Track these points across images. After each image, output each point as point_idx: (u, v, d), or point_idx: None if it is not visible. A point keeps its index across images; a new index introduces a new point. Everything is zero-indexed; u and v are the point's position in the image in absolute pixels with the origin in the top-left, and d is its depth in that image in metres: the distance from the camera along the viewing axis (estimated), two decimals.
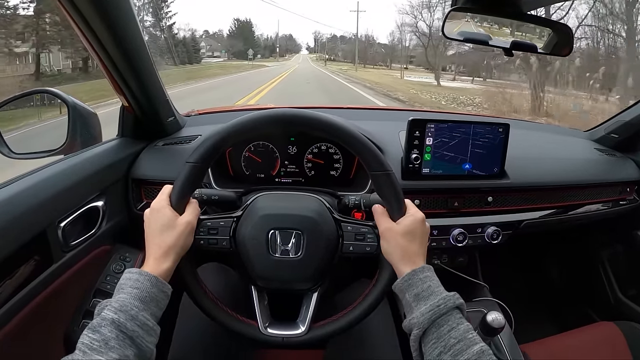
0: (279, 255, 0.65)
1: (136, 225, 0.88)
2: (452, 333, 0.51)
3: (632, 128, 1.19)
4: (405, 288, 0.57)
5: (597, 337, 0.96)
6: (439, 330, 0.52)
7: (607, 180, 1.15)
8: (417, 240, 0.61)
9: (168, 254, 0.57)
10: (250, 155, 0.98)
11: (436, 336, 0.52)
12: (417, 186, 0.95)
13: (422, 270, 0.57)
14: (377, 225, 0.64)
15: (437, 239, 0.97)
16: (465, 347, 0.49)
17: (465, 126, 0.94)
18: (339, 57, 74.22)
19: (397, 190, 0.64)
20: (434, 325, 0.52)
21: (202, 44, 65.03)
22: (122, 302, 0.50)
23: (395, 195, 0.64)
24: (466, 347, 0.49)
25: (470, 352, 0.49)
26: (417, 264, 0.59)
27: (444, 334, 0.51)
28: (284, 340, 0.65)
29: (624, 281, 1.29)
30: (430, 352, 0.51)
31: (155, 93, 0.87)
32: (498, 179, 0.99)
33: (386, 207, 0.65)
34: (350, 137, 0.64)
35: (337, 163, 1.00)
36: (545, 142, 1.25)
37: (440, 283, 0.58)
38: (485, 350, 0.49)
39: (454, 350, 0.49)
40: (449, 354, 0.49)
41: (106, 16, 0.65)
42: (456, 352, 0.49)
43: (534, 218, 1.05)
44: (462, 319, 0.53)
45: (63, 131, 0.89)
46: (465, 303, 0.56)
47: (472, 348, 0.49)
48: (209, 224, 0.65)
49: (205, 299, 0.65)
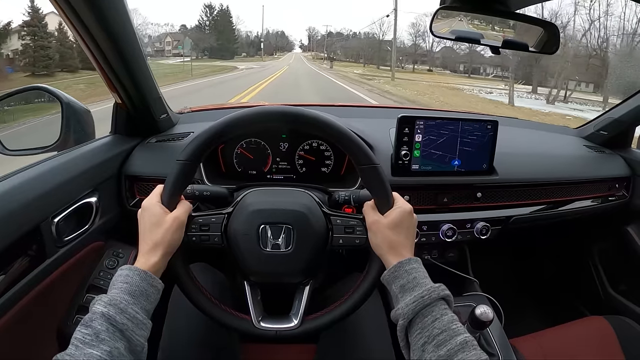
0: (269, 249, 0.66)
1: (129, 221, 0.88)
2: (435, 323, 0.52)
3: (621, 125, 1.20)
4: (391, 280, 0.58)
5: (587, 332, 0.98)
6: (423, 321, 0.53)
7: (596, 176, 1.16)
8: (404, 232, 0.61)
9: (156, 250, 0.58)
10: (242, 152, 0.99)
11: (420, 326, 0.52)
12: (406, 182, 0.96)
13: (408, 262, 0.58)
14: (365, 218, 0.65)
15: (427, 234, 0.98)
16: (448, 338, 0.50)
17: (454, 123, 0.95)
18: (339, 55, 65.77)
19: (384, 183, 0.65)
20: (419, 316, 0.53)
21: (168, 39, 54.82)
22: (112, 297, 0.50)
23: (383, 187, 0.65)
24: (449, 337, 0.50)
25: (454, 343, 0.49)
26: (404, 255, 0.59)
27: (428, 324, 0.52)
28: (278, 334, 0.66)
29: (614, 276, 1.31)
30: (415, 342, 0.52)
31: (148, 90, 0.88)
32: (487, 175, 1.00)
33: (375, 200, 0.66)
34: (337, 132, 0.65)
35: (328, 160, 1.00)
36: (534, 139, 1.26)
37: (426, 274, 0.58)
38: (469, 341, 0.50)
39: (438, 340, 0.50)
40: (433, 344, 0.50)
41: (99, 14, 0.65)
42: (439, 342, 0.50)
43: (523, 214, 1.06)
44: (446, 310, 0.54)
45: (56, 128, 0.89)
46: (451, 294, 0.56)
47: (456, 339, 0.50)
48: (200, 220, 0.66)
49: (199, 295, 0.66)
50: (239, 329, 0.67)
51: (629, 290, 1.25)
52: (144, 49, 0.81)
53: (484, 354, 0.49)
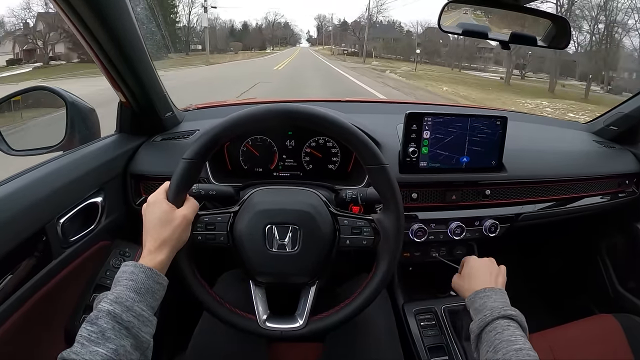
0: (275, 249, 0.65)
1: (135, 220, 0.88)
2: (497, 336, 0.61)
3: (631, 120, 1.19)
4: (469, 304, 0.72)
5: (595, 330, 0.97)
6: (488, 335, 0.62)
7: (606, 172, 1.15)
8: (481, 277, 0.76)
9: (163, 247, 0.57)
10: (249, 150, 0.98)
11: (486, 339, 0.62)
12: (414, 179, 0.95)
13: (483, 290, 0.71)
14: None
15: (435, 232, 0.97)
16: (506, 345, 0.58)
17: (462, 119, 0.93)
18: (343, 46, 58.54)
19: (392, 184, 0.64)
20: (485, 332, 0.63)
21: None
22: (118, 294, 0.50)
23: (391, 189, 0.64)
24: (507, 344, 0.58)
25: (510, 349, 0.57)
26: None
27: (491, 337, 0.61)
28: (283, 334, 0.66)
29: (623, 274, 1.29)
30: (482, 350, 0.62)
31: (152, 88, 0.87)
32: (496, 172, 0.99)
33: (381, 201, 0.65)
34: (345, 131, 0.65)
35: (335, 157, 1.00)
36: (543, 135, 1.24)
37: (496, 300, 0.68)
38: (524, 349, 0.57)
39: (495, 347, 0.59)
40: (492, 350, 0.59)
41: (101, 11, 0.65)
42: (497, 349, 0.59)
43: (532, 211, 1.05)
44: (508, 326, 0.62)
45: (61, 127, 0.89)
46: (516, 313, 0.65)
47: (513, 346, 0.57)
48: (206, 219, 0.66)
49: (205, 294, 0.66)
50: (245, 329, 0.67)
51: (638, 288, 1.24)
52: (146, 47, 0.80)
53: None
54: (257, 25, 71.94)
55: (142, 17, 0.80)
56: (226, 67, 20.44)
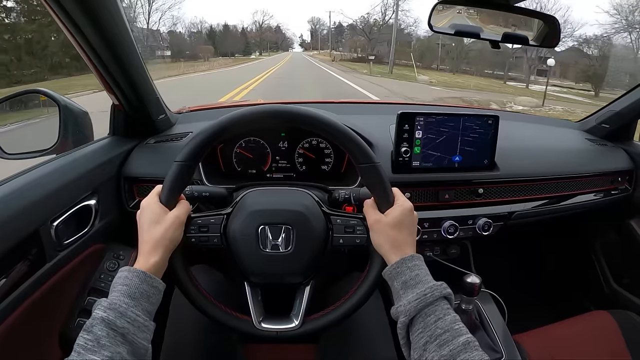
0: (269, 250, 0.65)
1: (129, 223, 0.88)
2: (438, 323, 0.52)
3: (623, 118, 1.20)
4: (393, 276, 0.58)
5: (591, 326, 0.97)
6: (425, 320, 0.53)
7: (598, 170, 1.15)
8: (406, 230, 0.61)
9: (156, 248, 0.57)
10: (242, 151, 0.98)
11: (423, 325, 0.53)
12: (407, 179, 0.95)
13: (410, 258, 0.58)
14: (366, 218, 0.65)
15: (429, 231, 0.98)
16: (451, 338, 0.50)
17: (454, 119, 0.94)
18: (341, 51, 51.29)
19: (384, 182, 0.64)
20: (421, 315, 0.53)
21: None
22: (112, 300, 0.50)
23: (382, 186, 0.64)
24: (452, 337, 0.50)
25: (456, 343, 0.50)
26: (406, 252, 0.59)
27: (430, 323, 0.52)
28: (278, 334, 0.66)
29: (618, 270, 1.30)
30: (417, 340, 0.52)
31: (145, 91, 0.87)
32: (488, 170, 0.99)
33: (375, 199, 0.65)
34: (336, 130, 0.65)
35: (328, 157, 1.00)
36: (536, 133, 1.25)
37: (428, 272, 0.58)
38: (472, 342, 0.50)
39: (440, 340, 0.50)
40: (435, 344, 0.50)
41: (93, 14, 0.65)
42: (442, 342, 0.50)
43: (525, 209, 1.06)
44: (449, 310, 0.54)
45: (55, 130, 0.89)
46: (452, 293, 0.56)
47: (459, 339, 0.50)
48: (199, 221, 0.66)
49: (199, 296, 0.66)
50: (240, 329, 0.67)
51: (633, 284, 1.25)
52: (139, 49, 0.80)
53: (486, 355, 0.49)
54: (244, 28, 64.63)
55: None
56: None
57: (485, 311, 0.94)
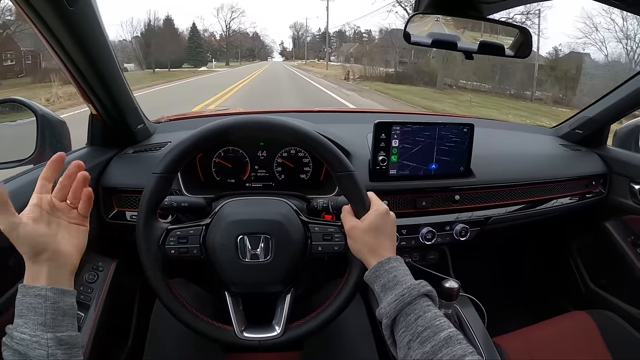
0: (248, 259, 0.66)
1: (108, 234, 0.88)
2: (419, 321, 0.53)
3: (596, 124, 1.23)
4: (373, 279, 0.59)
5: (571, 326, 1.00)
6: (407, 319, 0.53)
7: (573, 174, 1.18)
8: (383, 234, 0.62)
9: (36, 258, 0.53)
10: (220, 161, 0.98)
11: (405, 325, 0.53)
12: (384, 187, 0.96)
13: (388, 261, 0.59)
14: (343, 225, 0.65)
15: (407, 238, 0.99)
16: (432, 334, 0.51)
17: (430, 128, 0.95)
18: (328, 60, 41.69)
19: (360, 189, 0.66)
20: (402, 315, 0.54)
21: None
22: (9, 325, 0.47)
23: (358, 193, 0.65)
24: (433, 333, 0.51)
25: (438, 339, 0.50)
26: (384, 255, 0.60)
27: (411, 322, 0.53)
28: (261, 343, 0.67)
29: (594, 271, 1.33)
30: (401, 339, 0.53)
31: (123, 101, 0.87)
32: (464, 177, 1.01)
33: (351, 206, 0.66)
34: (312, 140, 0.66)
35: (307, 167, 1.01)
36: (510, 140, 1.28)
37: (407, 272, 0.59)
38: (453, 336, 0.51)
39: (422, 337, 0.51)
40: (417, 342, 0.51)
41: (71, 24, 0.64)
42: (423, 339, 0.51)
43: (501, 214, 1.08)
44: (429, 307, 0.54)
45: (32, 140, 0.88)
46: (434, 290, 0.57)
47: (440, 334, 0.51)
48: (178, 233, 0.66)
49: (181, 308, 0.66)
50: (223, 340, 0.67)
51: (609, 284, 1.28)
52: (117, 59, 0.80)
53: (469, 347, 0.50)
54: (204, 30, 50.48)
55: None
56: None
57: (465, 315, 0.95)
